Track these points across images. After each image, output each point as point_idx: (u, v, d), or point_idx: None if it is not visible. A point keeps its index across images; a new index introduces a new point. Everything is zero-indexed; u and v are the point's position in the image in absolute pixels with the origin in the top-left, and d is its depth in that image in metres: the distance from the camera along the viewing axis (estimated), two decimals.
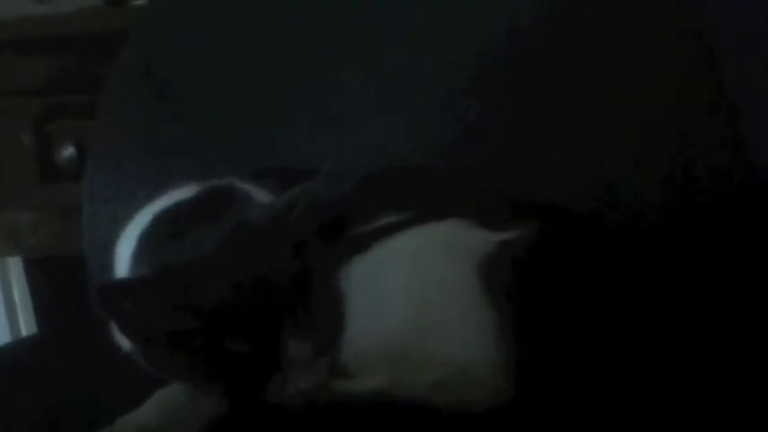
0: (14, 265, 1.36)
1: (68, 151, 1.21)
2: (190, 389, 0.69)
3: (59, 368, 0.85)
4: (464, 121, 0.88)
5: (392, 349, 0.66)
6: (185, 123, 0.99)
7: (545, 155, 0.86)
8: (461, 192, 0.77)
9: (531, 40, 0.88)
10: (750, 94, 0.83)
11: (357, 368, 0.66)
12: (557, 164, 0.85)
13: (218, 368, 0.65)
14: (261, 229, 0.68)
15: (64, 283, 1.26)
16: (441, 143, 0.89)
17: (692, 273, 0.78)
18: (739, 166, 0.82)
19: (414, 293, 0.67)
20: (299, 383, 0.65)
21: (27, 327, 1.35)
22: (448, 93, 0.90)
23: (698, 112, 0.84)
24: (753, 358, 0.70)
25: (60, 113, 1.22)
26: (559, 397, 0.63)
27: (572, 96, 0.86)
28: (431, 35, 0.92)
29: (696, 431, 0.65)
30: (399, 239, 0.69)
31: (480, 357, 0.64)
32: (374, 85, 0.92)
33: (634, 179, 0.83)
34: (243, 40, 0.99)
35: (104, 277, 0.79)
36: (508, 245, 0.67)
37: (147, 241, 0.73)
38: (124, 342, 0.70)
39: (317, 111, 0.94)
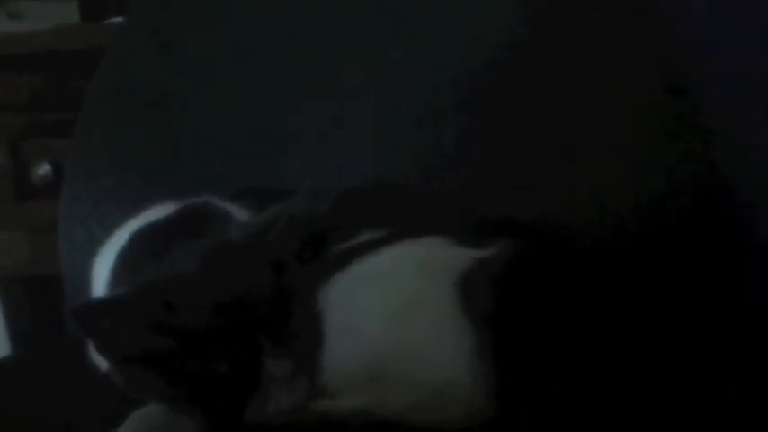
0: None
1: (44, 169, 1.20)
2: (168, 409, 0.69)
3: (34, 389, 0.84)
4: (445, 140, 0.89)
5: (371, 369, 0.66)
6: (165, 141, 0.99)
7: (524, 173, 0.86)
8: (439, 210, 0.77)
9: (517, 58, 0.88)
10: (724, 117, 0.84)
11: (337, 387, 0.66)
12: (536, 183, 0.86)
13: (196, 388, 0.65)
14: (240, 247, 0.68)
15: (39, 303, 1.24)
16: (422, 161, 0.89)
17: (674, 286, 0.79)
18: (713, 177, 0.83)
19: (391, 312, 0.67)
20: (278, 403, 0.65)
21: (1, 347, 1.33)
22: (431, 109, 0.90)
23: (671, 134, 0.85)
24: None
25: (36, 131, 1.21)
26: (538, 416, 0.64)
27: (554, 118, 0.87)
28: (431, 36, 0.92)
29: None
30: (377, 258, 0.69)
31: (458, 376, 0.64)
32: (374, 86, 0.92)
33: (614, 198, 0.84)
34: (231, 50, 0.99)
35: (81, 297, 0.79)
36: (486, 263, 0.67)
37: (125, 260, 0.73)
38: (101, 362, 0.69)
39: (313, 120, 0.94)
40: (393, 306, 0.67)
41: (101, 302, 0.68)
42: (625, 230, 0.82)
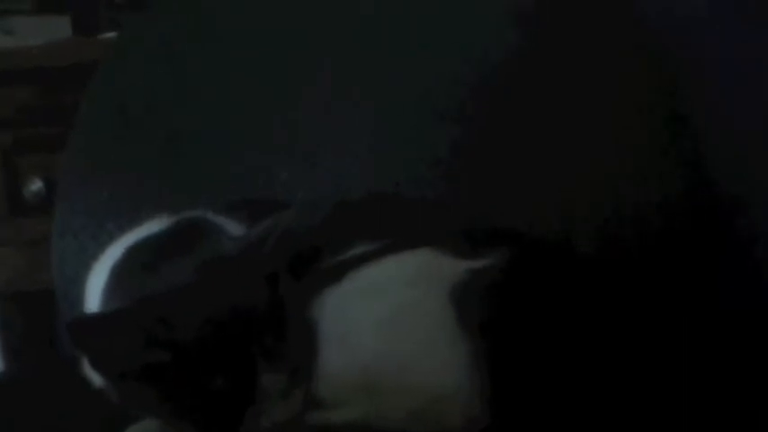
0: None
1: (37, 185, 1.20)
2: (163, 424, 0.68)
3: (27, 406, 0.83)
4: (441, 147, 0.89)
5: (366, 380, 0.66)
6: (160, 153, 0.98)
7: (521, 181, 0.86)
8: (433, 220, 0.77)
9: (514, 66, 0.88)
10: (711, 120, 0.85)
11: (332, 399, 0.66)
12: (532, 191, 0.86)
13: (191, 402, 0.65)
14: (234, 261, 0.68)
15: (33, 318, 1.24)
16: (416, 170, 0.89)
17: (664, 296, 0.79)
18: (702, 191, 0.83)
19: (386, 323, 0.67)
20: (274, 416, 0.64)
21: None
22: (425, 118, 0.90)
23: (660, 144, 0.85)
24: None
25: (28, 146, 1.21)
26: (534, 423, 0.64)
27: (550, 126, 0.87)
28: (428, 43, 0.92)
29: None
30: (371, 269, 0.69)
31: (454, 386, 0.64)
32: (371, 93, 0.92)
33: (611, 206, 0.84)
34: (226, 57, 0.99)
35: (75, 312, 0.78)
36: (480, 273, 0.67)
37: (119, 275, 0.72)
38: (96, 377, 0.69)
39: (308, 127, 0.94)
40: (388, 317, 0.67)
41: (95, 317, 0.68)
42: (621, 239, 0.82)
